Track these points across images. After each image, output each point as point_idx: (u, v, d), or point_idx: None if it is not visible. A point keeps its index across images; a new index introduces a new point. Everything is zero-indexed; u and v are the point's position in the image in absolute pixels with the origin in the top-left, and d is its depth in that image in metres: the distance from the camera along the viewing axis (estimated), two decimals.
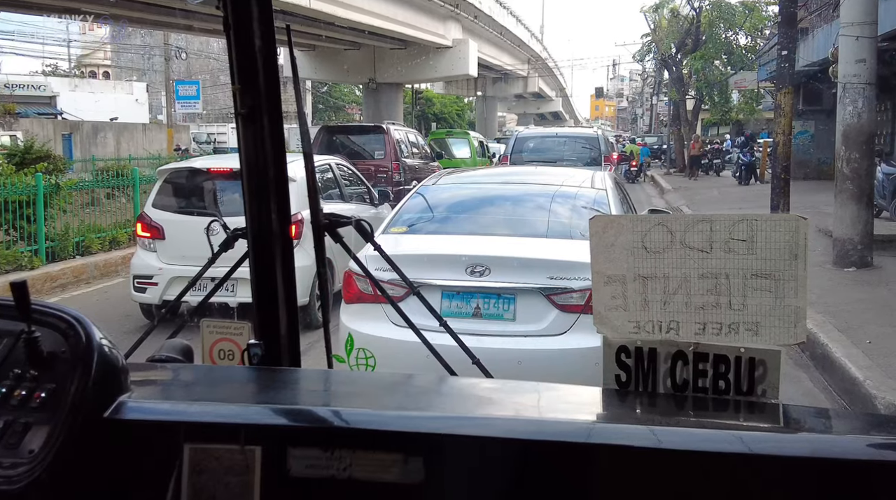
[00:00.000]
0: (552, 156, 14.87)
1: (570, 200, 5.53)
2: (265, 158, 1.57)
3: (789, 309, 1.28)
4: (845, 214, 9.59)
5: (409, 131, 18.42)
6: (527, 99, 72.41)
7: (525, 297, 4.57)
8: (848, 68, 9.51)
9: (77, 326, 1.19)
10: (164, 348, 1.57)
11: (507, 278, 4.60)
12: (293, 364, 1.69)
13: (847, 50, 9.53)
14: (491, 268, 4.60)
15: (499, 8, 42.12)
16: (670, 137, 37.72)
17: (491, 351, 4.20)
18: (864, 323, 6.90)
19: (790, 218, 1.28)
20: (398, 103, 37.97)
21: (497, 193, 6.02)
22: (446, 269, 4.68)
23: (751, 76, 29.13)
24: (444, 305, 4.60)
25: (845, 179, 9.57)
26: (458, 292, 4.64)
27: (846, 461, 1.10)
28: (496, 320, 4.60)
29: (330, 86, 53.71)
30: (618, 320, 1.37)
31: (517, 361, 4.46)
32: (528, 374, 4.27)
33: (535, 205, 5.56)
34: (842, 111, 9.61)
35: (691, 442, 1.15)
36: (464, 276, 4.61)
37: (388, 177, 14.66)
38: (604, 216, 1.38)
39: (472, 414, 1.31)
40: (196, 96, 34.37)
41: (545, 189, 5.80)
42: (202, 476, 1.16)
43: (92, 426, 1.15)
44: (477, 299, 4.63)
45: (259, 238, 1.63)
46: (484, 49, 41.67)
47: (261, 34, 1.51)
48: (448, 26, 35.03)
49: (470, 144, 22.92)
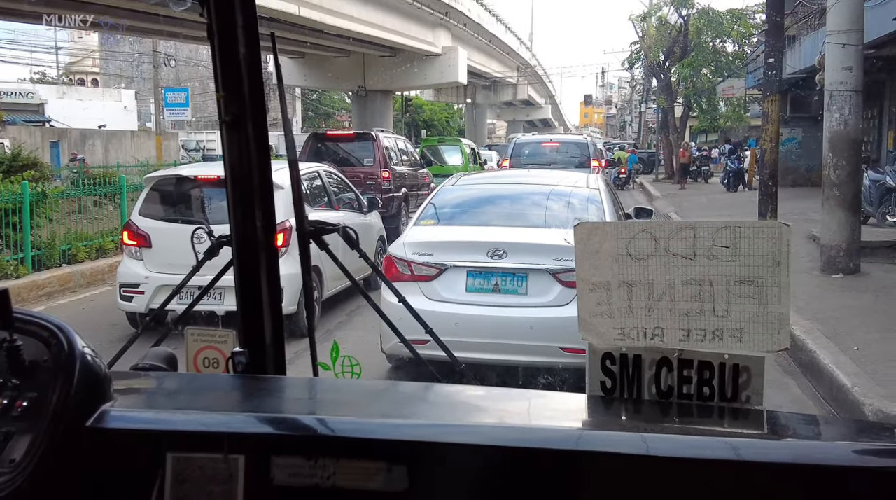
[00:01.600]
0: (547, 159, 17.14)
1: (570, 197, 6.61)
2: (250, 166, 1.57)
3: (773, 315, 1.29)
4: (832, 220, 9.59)
5: (399, 138, 18.30)
6: (516, 106, 72.55)
7: (535, 275, 5.61)
8: (834, 76, 9.54)
9: (59, 334, 1.19)
10: (147, 357, 1.56)
11: (520, 260, 5.65)
12: (278, 372, 1.68)
13: (833, 57, 9.57)
14: (507, 252, 5.65)
15: (488, 16, 42.21)
16: (659, 145, 37.88)
17: (508, 319, 5.55)
18: (851, 329, 6.88)
19: (773, 225, 1.29)
20: (387, 110, 37.97)
21: (509, 192, 7.12)
22: (471, 253, 5.76)
23: (738, 83, 29.36)
24: (469, 282, 5.69)
25: (832, 185, 9.57)
26: (480, 272, 5.70)
27: (830, 467, 1.11)
28: (512, 294, 5.65)
29: (320, 93, 53.71)
30: (603, 327, 1.37)
31: (529, 326, 5.49)
32: (538, 337, 5.44)
33: (541, 201, 6.60)
34: (828, 118, 9.62)
35: (676, 449, 1.15)
36: (485, 258, 5.68)
37: (378, 184, 14.63)
38: (588, 224, 1.38)
39: (457, 422, 1.31)
40: (185, 104, 34.29)
41: (549, 188, 6.91)
42: (185, 485, 1.16)
43: (74, 434, 1.15)
44: (496, 277, 5.67)
45: (244, 246, 1.63)
46: (473, 57, 41.75)
47: (245, 41, 1.51)
48: (437, 34, 35.07)
49: (462, 152, 23.18)
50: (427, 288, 5.70)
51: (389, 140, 16.44)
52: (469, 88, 51.56)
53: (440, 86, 45.02)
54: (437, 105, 60.61)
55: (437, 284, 5.72)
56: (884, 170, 14.50)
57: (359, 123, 34.88)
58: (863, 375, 5.55)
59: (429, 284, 5.72)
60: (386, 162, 15.14)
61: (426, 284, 5.72)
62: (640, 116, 51.64)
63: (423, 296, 5.59)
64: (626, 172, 31.01)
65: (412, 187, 16.54)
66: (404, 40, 31.92)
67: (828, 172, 9.65)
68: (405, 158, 17.08)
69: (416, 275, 5.75)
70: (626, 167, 31.51)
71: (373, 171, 14.83)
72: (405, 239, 6.14)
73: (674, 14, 32.33)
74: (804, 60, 17.93)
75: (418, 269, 5.76)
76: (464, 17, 36.18)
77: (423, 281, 5.72)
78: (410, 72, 35.35)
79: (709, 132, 42.89)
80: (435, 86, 44.98)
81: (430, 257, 5.78)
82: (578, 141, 20.06)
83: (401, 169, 16.17)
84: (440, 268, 5.73)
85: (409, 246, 5.94)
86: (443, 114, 62.01)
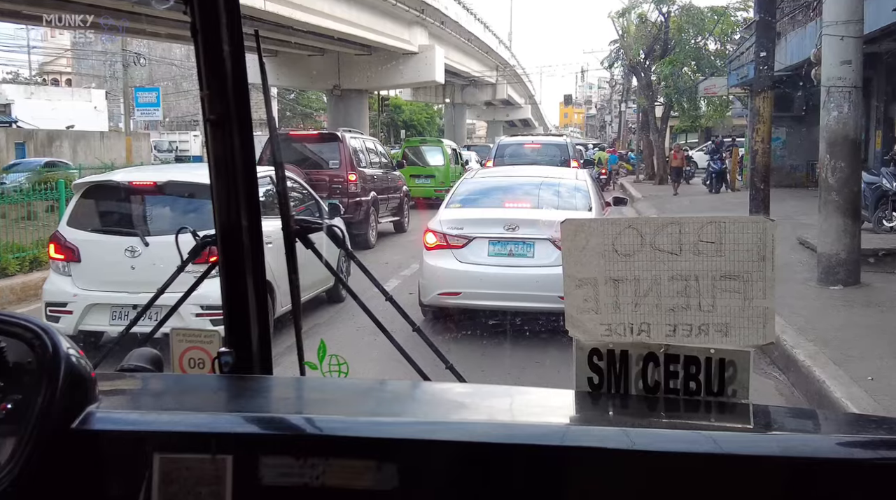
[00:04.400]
0: (528, 160, 18.17)
1: (564, 187, 8.86)
2: (234, 165, 1.58)
3: (758, 310, 1.32)
4: (830, 227, 9.02)
5: (368, 139, 17.61)
6: (496, 106, 72.63)
7: (540, 243, 7.58)
8: (832, 70, 9.00)
9: (44, 336, 1.18)
10: (132, 358, 1.56)
11: (529, 231, 7.65)
12: (265, 372, 1.69)
13: (831, 51, 9.01)
14: (519, 226, 7.69)
15: (465, 14, 42.25)
16: (640, 145, 37.91)
17: (520, 276, 7.55)
18: (862, 354, 6.35)
19: (758, 220, 1.32)
20: (364, 110, 37.87)
21: (515, 183, 9.37)
22: (491, 227, 7.81)
23: (721, 82, 28.93)
24: (490, 249, 7.71)
25: (830, 189, 8.98)
26: (499, 241, 7.73)
27: (816, 460, 1.13)
28: (522, 257, 7.67)
29: (297, 93, 53.48)
30: (590, 323, 1.39)
31: (536, 281, 7.31)
32: (542, 288, 7.12)
33: (541, 189, 8.70)
34: (826, 117, 9.04)
35: (663, 443, 1.18)
36: (502, 231, 7.71)
37: (344, 187, 14.19)
38: (575, 220, 1.41)
39: (446, 419, 1.33)
40: (156, 104, 34.04)
41: (547, 180, 9.13)
42: (173, 487, 1.16)
43: (59, 437, 1.15)
44: (511, 245, 7.72)
45: (229, 245, 1.63)
46: (451, 55, 41.77)
47: (229, 39, 1.52)
48: (414, 32, 35.06)
49: (444, 152, 23.28)
50: (458, 254, 7.76)
51: (357, 141, 15.87)
52: (448, 87, 51.60)
53: (417, 85, 44.99)
54: (416, 105, 60.59)
55: (466, 250, 7.77)
56: (879, 172, 13.90)
57: (334, 123, 34.75)
58: (881, 412, 4.91)
59: (460, 250, 7.77)
60: (353, 164, 14.60)
61: (458, 250, 7.78)
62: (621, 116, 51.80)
63: (455, 260, 7.74)
64: (606, 172, 31.00)
65: (382, 191, 15.99)
66: (380, 38, 31.88)
67: (825, 175, 9.09)
68: (375, 160, 16.50)
69: (450, 244, 7.80)
70: (607, 168, 31.51)
71: (339, 174, 14.34)
72: (440, 217, 8.22)
73: (654, 11, 32.34)
74: (790, 57, 17.98)
75: (451, 239, 7.81)
76: (441, 14, 36.18)
77: (456, 249, 7.78)
78: (387, 70, 35.31)
79: (689, 132, 43.01)
80: (412, 85, 44.94)
81: (460, 231, 7.83)
82: (559, 142, 21.94)
83: (370, 172, 15.59)
84: (468, 238, 7.78)
85: (443, 222, 8.03)
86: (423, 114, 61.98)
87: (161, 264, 5.97)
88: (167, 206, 7.24)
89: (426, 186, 21.46)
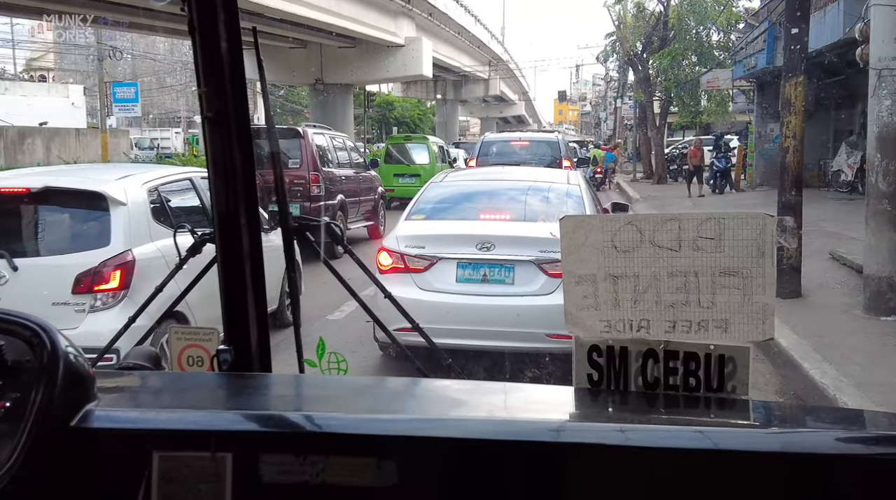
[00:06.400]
0: (516, 159, 16.77)
1: (553, 192, 7.28)
2: (233, 162, 1.62)
3: (757, 306, 1.36)
4: (881, 242, 7.65)
5: (337, 136, 16.27)
6: (489, 103, 72.72)
7: (522, 266, 6.17)
8: (885, 49, 7.57)
9: (42, 334, 1.20)
10: (131, 356, 1.59)
11: (507, 251, 6.21)
12: (263, 370, 1.72)
13: (882, 25, 7.65)
14: (495, 244, 6.21)
15: (455, 5, 42.06)
16: (637, 141, 37.58)
17: (496, 307, 6.11)
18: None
19: (756, 216, 1.36)
20: (348, 106, 37.35)
21: (494, 188, 7.71)
22: (461, 245, 6.31)
23: (724, 74, 27.95)
24: (459, 273, 6.26)
25: (882, 197, 7.60)
26: (470, 263, 6.27)
27: (815, 456, 1.17)
28: (499, 283, 6.21)
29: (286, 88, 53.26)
30: (589, 320, 1.43)
31: (516, 314, 6.03)
32: (524, 323, 5.93)
33: (526, 195, 7.18)
34: (876, 107, 7.69)
35: (663, 439, 1.22)
36: (474, 250, 6.22)
37: (305, 190, 13.19)
38: (574, 216, 1.44)
39: (445, 416, 1.36)
40: (134, 99, 33.65)
41: (533, 184, 7.55)
42: (172, 485, 1.19)
43: (58, 435, 1.17)
44: (485, 268, 6.26)
45: (227, 243, 1.67)
46: (440, 49, 41.59)
47: (227, 36, 1.56)
48: (400, 23, 34.78)
49: (429, 150, 23.00)
50: (419, 279, 6.31)
51: (323, 138, 14.74)
52: (440, 83, 51.54)
53: (404, 79, 44.70)
54: (408, 101, 60.46)
55: (428, 275, 6.33)
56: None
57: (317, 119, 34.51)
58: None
59: (421, 275, 6.32)
60: (315, 164, 13.54)
61: (419, 275, 6.32)
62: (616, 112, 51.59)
63: (415, 287, 6.24)
64: (601, 171, 30.71)
65: (352, 194, 14.87)
66: (364, 29, 31.50)
67: (874, 179, 7.73)
68: (345, 160, 15.45)
69: (409, 267, 6.35)
70: (602, 167, 31.25)
71: (299, 174, 13.24)
72: (398, 233, 6.74)
73: (652, 0, 31.99)
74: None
75: (411, 261, 6.36)
76: (428, 5, 35.97)
77: (416, 273, 6.33)
78: (372, 64, 35.00)
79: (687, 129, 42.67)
80: (398, 79, 44.63)
81: (422, 250, 6.38)
82: (549, 139, 20.09)
83: (338, 172, 14.57)
84: (432, 260, 6.33)
85: (401, 239, 6.55)
86: (415, 111, 61.84)
87: (36, 293, 5.20)
88: (44, 219, 5.77)
89: (410, 186, 20.75)
